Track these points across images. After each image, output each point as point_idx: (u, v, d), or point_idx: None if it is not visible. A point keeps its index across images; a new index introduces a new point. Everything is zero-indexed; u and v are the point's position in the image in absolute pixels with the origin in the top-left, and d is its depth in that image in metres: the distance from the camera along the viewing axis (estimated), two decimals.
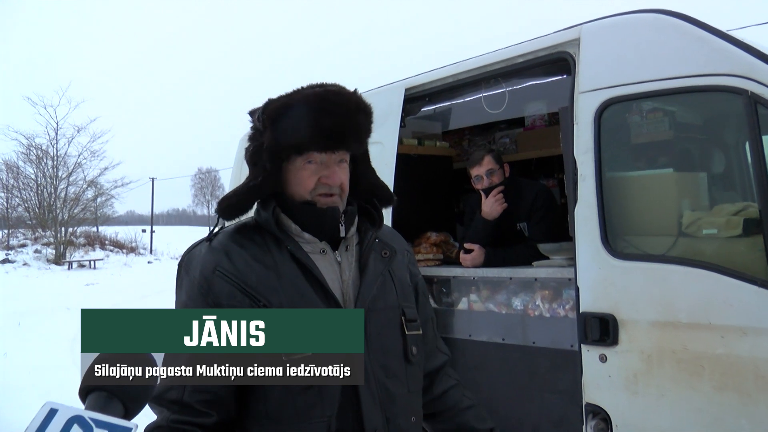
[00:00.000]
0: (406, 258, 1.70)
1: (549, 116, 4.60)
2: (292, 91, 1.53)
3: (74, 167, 31.64)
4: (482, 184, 3.65)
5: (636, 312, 2.52)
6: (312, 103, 1.46)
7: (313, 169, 1.51)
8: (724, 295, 2.31)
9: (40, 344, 8.87)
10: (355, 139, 1.51)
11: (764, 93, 2.27)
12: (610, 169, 2.72)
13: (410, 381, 1.53)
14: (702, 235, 2.50)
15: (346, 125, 1.48)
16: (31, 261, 26.63)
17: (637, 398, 2.50)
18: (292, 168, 1.52)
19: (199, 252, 1.51)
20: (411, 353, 1.53)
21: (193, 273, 1.46)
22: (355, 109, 1.50)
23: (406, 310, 1.56)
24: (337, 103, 1.47)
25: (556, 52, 2.92)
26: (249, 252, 1.48)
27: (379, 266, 1.54)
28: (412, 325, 1.55)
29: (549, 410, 3.04)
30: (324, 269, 1.49)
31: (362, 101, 1.53)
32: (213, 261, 1.46)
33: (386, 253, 1.58)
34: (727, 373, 2.29)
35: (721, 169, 2.86)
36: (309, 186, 1.51)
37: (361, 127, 1.52)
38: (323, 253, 1.52)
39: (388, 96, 3.65)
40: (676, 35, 2.53)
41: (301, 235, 1.52)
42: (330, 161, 1.51)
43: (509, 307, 3.24)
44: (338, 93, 1.50)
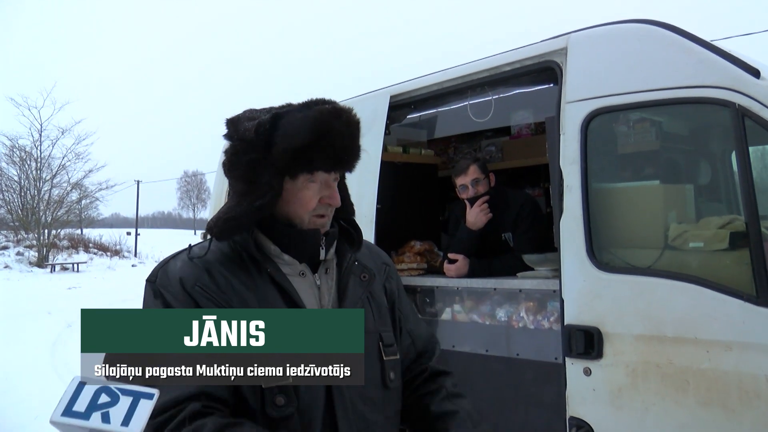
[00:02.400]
0: (384, 274, 1.66)
1: (535, 125, 4.58)
2: (299, 105, 1.49)
3: (58, 169, 31.45)
4: (467, 193, 3.61)
5: (621, 325, 2.49)
6: (327, 121, 1.42)
7: (315, 188, 1.48)
8: (709, 309, 2.29)
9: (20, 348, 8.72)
10: (357, 159, 1.51)
11: (751, 106, 2.26)
12: (597, 180, 2.70)
13: (387, 407, 1.50)
14: (688, 248, 2.48)
15: (354, 146, 1.47)
16: (12, 263, 26.35)
17: (622, 412, 2.47)
18: (292, 187, 1.47)
19: (174, 266, 1.45)
20: (389, 379, 1.50)
21: (173, 288, 1.40)
22: (358, 130, 1.48)
23: (384, 335, 1.53)
24: (348, 123, 1.45)
25: (543, 61, 2.90)
26: (229, 270, 1.43)
27: (358, 291, 1.52)
28: (390, 350, 1.52)
29: (533, 423, 3.00)
30: (303, 292, 1.46)
31: (359, 121, 1.51)
32: (193, 276, 1.41)
33: (365, 276, 1.55)
34: (712, 388, 2.27)
35: (707, 181, 2.85)
36: (310, 206, 1.48)
37: (358, 146, 1.50)
38: (302, 275, 1.49)
39: (372, 103, 3.61)
40: (664, 46, 2.51)
41: (281, 257, 1.49)
42: (331, 181, 1.50)
43: (493, 318, 3.21)
44: (347, 112, 1.47)
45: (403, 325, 1.66)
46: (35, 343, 9.18)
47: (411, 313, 1.72)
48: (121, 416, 0.84)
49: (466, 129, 4.48)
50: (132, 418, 0.84)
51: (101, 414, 0.83)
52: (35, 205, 30.45)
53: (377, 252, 1.73)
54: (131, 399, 0.86)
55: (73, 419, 0.82)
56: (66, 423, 0.82)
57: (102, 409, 0.84)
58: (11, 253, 27.79)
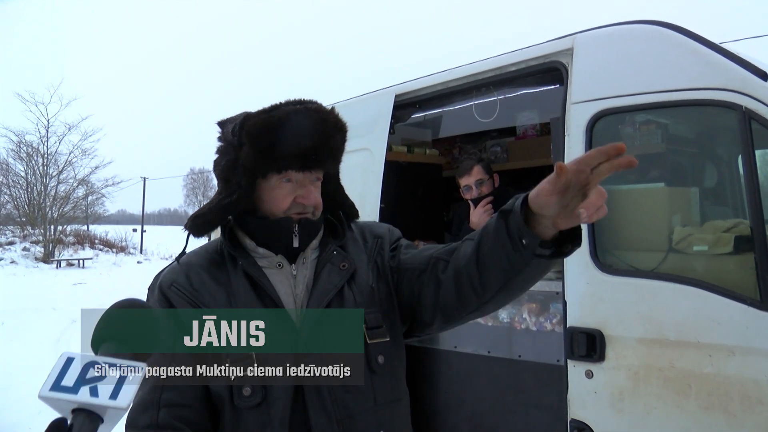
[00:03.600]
0: (375, 249, 1.60)
1: (541, 126, 4.57)
2: (270, 107, 1.51)
3: (65, 165, 31.52)
4: (471, 194, 3.60)
5: (624, 328, 2.47)
6: (293, 121, 1.45)
7: (289, 188, 1.50)
8: (713, 313, 2.27)
9: (23, 344, 8.75)
10: (332, 158, 1.52)
11: (758, 108, 2.24)
12: (601, 182, 2.67)
13: (378, 393, 1.45)
14: (692, 252, 2.46)
15: (325, 145, 1.47)
16: (19, 259, 26.43)
17: (623, 416, 2.46)
18: (266, 186, 1.51)
19: (163, 272, 1.53)
20: (376, 362, 1.45)
21: (156, 290, 1.48)
22: (333, 129, 1.49)
23: (367, 318, 1.48)
24: (317, 123, 1.46)
25: (549, 62, 2.89)
26: (206, 270, 1.49)
27: (333, 278, 1.49)
28: (376, 333, 1.48)
29: (534, 425, 2.99)
30: (279, 283, 1.47)
31: (339, 120, 1.52)
32: (170, 279, 1.48)
33: (344, 265, 1.53)
34: (713, 392, 2.25)
35: (713, 184, 2.83)
36: (284, 206, 1.50)
37: (337, 146, 1.52)
38: (280, 266, 1.50)
39: (377, 102, 3.61)
40: (671, 47, 2.49)
41: (256, 251, 1.52)
42: (306, 180, 1.50)
43: (496, 319, 3.19)
44: (318, 111, 1.49)
45: (407, 258, 1.57)
46: (40, 339, 9.20)
47: (412, 247, 1.64)
48: (109, 390, 0.84)
49: (471, 129, 4.47)
50: (120, 392, 0.84)
51: (90, 388, 0.83)
52: (42, 201, 30.55)
53: (370, 227, 1.69)
54: (120, 373, 0.87)
55: (61, 393, 0.83)
56: (54, 397, 0.82)
57: (90, 383, 0.84)
58: (17, 249, 27.88)
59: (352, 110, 3.47)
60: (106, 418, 0.84)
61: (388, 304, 1.54)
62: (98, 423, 0.83)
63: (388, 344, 1.49)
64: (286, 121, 1.45)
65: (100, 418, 0.83)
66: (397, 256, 1.60)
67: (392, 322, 1.53)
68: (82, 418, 0.82)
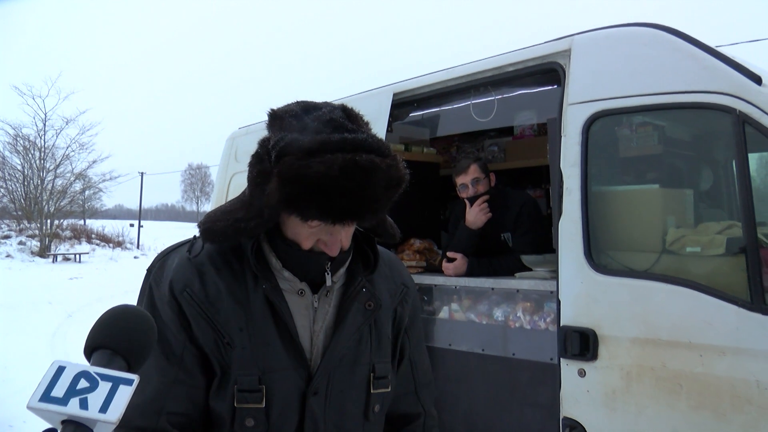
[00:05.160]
0: (398, 296, 1.54)
1: (538, 126, 4.59)
2: (313, 143, 1.21)
3: (62, 159, 31.48)
4: (467, 192, 3.63)
5: (617, 328, 2.50)
6: (334, 176, 1.18)
7: (314, 231, 1.32)
8: (705, 314, 2.29)
9: (19, 338, 8.75)
10: (371, 215, 1.28)
11: (752, 112, 2.27)
12: (597, 183, 2.71)
13: None
14: (686, 253, 2.49)
15: (366, 204, 1.23)
16: (14, 253, 26.40)
17: (615, 414, 2.48)
18: (291, 218, 1.33)
19: (172, 262, 1.40)
20: (372, 411, 1.43)
21: (162, 288, 1.36)
22: (384, 186, 1.23)
23: (377, 367, 1.44)
24: (363, 183, 1.20)
25: (547, 63, 2.91)
26: (224, 279, 1.35)
27: (358, 319, 1.40)
28: (380, 383, 1.44)
29: (527, 423, 3.02)
30: (297, 313, 1.37)
31: (395, 177, 1.25)
32: (184, 280, 1.34)
33: (370, 305, 1.42)
34: (704, 392, 2.28)
35: (707, 186, 2.85)
36: (306, 244, 1.34)
37: (382, 203, 1.26)
38: (301, 294, 1.38)
39: (375, 100, 3.62)
40: (668, 50, 2.52)
41: (281, 272, 1.38)
42: (336, 229, 1.31)
43: (490, 317, 3.21)
44: (369, 169, 1.21)
45: (408, 353, 1.57)
46: (36, 333, 9.21)
47: (420, 342, 1.63)
48: (99, 403, 0.82)
49: (469, 128, 4.49)
50: (110, 405, 0.83)
51: (79, 400, 0.82)
52: (38, 195, 30.50)
53: (399, 271, 1.60)
54: (110, 385, 0.84)
55: (50, 405, 0.81)
56: (43, 409, 0.81)
57: (80, 395, 0.82)
58: (13, 243, 27.84)
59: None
60: (96, 429, 0.83)
61: (392, 354, 1.52)
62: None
63: (387, 395, 1.48)
64: (327, 173, 1.18)
65: (90, 430, 0.82)
66: (409, 339, 1.58)
67: (392, 373, 1.50)
68: (71, 430, 0.81)
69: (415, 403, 1.60)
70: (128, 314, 0.97)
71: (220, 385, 1.32)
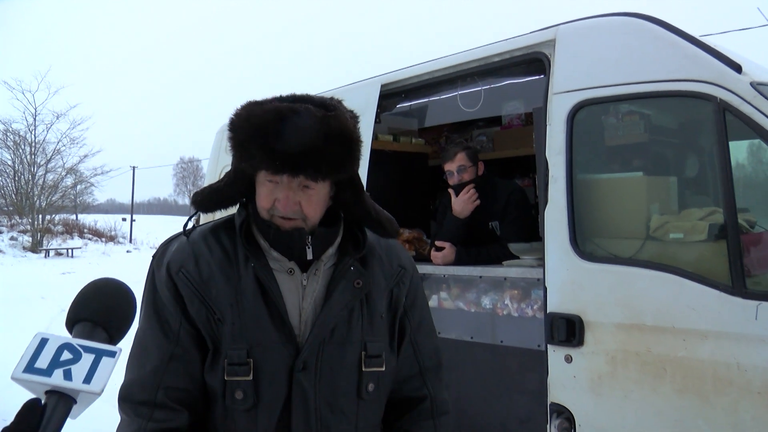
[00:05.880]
0: (395, 278, 1.57)
1: (526, 116, 4.61)
2: (263, 100, 1.41)
3: (53, 154, 31.29)
4: (453, 180, 3.66)
5: (602, 314, 2.53)
6: (269, 122, 1.32)
7: (270, 188, 1.41)
8: (688, 299, 2.33)
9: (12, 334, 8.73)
10: (314, 167, 1.35)
11: (732, 100, 2.30)
12: (581, 171, 2.74)
13: (360, 418, 1.46)
14: (669, 239, 2.52)
15: (303, 151, 1.32)
16: (6, 248, 26.26)
17: (601, 399, 2.52)
18: (257, 179, 1.44)
19: (172, 247, 1.49)
20: (366, 390, 1.45)
21: (163, 269, 1.44)
22: (322, 135, 1.32)
23: (369, 345, 1.46)
24: (295, 125, 1.32)
25: (532, 53, 2.93)
26: (216, 260, 1.44)
27: (346, 296, 1.44)
28: (373, 362, 1.46)
29: (516, 409, 3.06)
30: (287, 291, 1.43)
31: (336, 126, 1.35)
32: (179, 261, 1.43)
33: (359, 283, 1.46)
34: (687, 375, 2.32)
35: (691, 173, 2.89)
36: (265, 204, 1.43)
37: (324, 154, 1.34)
38: (290, 273, 1.44)
39: (364, 92, 3.64)
40: (650, 39, 2.55)
41: (270, 252, 1.45)
42: (289, 185, 1.39)
43: (479, 305, 3.25)
44: (302, 114, 1.33)
45: (410, 335, 1.59)
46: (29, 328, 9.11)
47: (423, 324, 1.63)
48: (83, 374, 0.83)
49: (456, 118, 4.51)
50: (94, 376, 0.83)
51: (63, 371, 0.83)
52: (29, 190, 30.33)
53: (397, 254, 1.63)
54: (93, 356, 0.85)
55: (34, 376, 0.82)
56: (27, 379, 0.82)
57: (64, 366, 0.83)
58: (5, 238, 27.69)
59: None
60: (79, 399, 0.84)
61: (389, 336, 1.54)
62: (71, 405, 0.83)
63: (382, 374, 1.49)
64: (262, 119, 1.34)
65: (74, 400, 0.83)
66: (409, 320, 1.59)
67: (389, 353, 1.52)
68: (55, 400, 0.82)
69: (420, 387, 1.60)
70: (108, 287, 0.99)
71: (212, 360, 1.39)
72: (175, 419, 1.36)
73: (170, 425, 1.35)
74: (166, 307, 1.41)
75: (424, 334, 1.63)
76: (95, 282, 1.01)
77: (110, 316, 0.95)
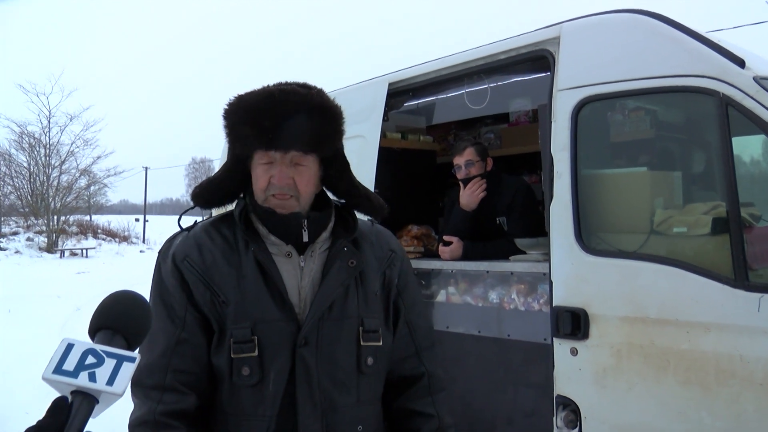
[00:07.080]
0: (386, 261, 1.66)
1: (533, 113, 4.63)
2: (251, 90, 1.54)
3: (67, 156, 31.61)
4: (461, 174, 3.69)
5: (607, 307, 2.56)
6: (259, 101, 1.46)
7: (265, 168, 1.51)
8: (691, 292, 2.36)
9: (30, 331, 8.86)
10: (303, 140, 1.48)
11: (735, 95, 2.31)
12: (586, 167, 2.77)
13: (362, 391, 1.54)
14: (673, 233, 2.55)
15: (290, 125, 1.45)
16: (23, 249, 26.58)
17: (606, 391, 2.55)
18: (252, 165, 1.55)
19: (176, 241, 1.58)
20: (365, 364, 1.54)
21: (168, 260, 1.53)
22: (307, 109, 1.46)
23: (366, 321, 1.55)
24: (282, 102, 1.45)
25: (537, 50, 2.96)
26: (218, 247, 1.53)
27: (342, 275, 1.53)
28: (370, 336, 1.55)
29: (522, 402, 3.09)
30: (286, 273, 1.51)
31: (318, 101, 1.49)
32: (184, 251, 1.53)
33: (353, 262, 1.56)
34: (690, 367, 2.34)
35: (695, 168, 2.90)
36: (262, 185, 1.53)
37: (310, 128, 1.47)
38: (288, 256, 1.54)
39: (371, 90, 3.69)
40: (653, 36, 2.57)
41: (268, 237, 1.55)
42: (281, 161, 1.50)
43: (486, 300, 3.28)
44: (288, 92, 1.47)
45: (404, 315, 1.67)
46: (46, 326, 9.30)
47: (416, 305, 1.72)
48: (106, 377, 0.89)
49: (464, 116, 4.55)
50: (116, 379, 0.90)
51: (88, 374, 0.89)
52: (44, 192, 30.64)
53: (387, 239, 1.72)
54: (115, 361, 0.92)
55: (62, 377, 0.88)
56: (57, 380, 0.88)
57: (89, 369, 0.89)
58: (21, 239, 28.03)
59: (347, 98, 3.54)
60: (101, 400, 0.90)
61: (384, 314, 1.63)
62: (94, 404, 0.89)
63: (379, 348, 1.57)
64: (252, 100, 1.47)
65: (96, 399, 0.89)
66: (403, 301, 1.67)
67: (385, 330, 1.61)
68: (80, 399, 0.88)
69: (418, 365, 1.68)
70: (126, 299, 1.05)
71: (218, 341, 1.48)
72: (183, 401, 1.44)
73: (179, 407, 1.43)
74: (172, 295, 1.50)
75: (418, 315, 1.72)
76: (114, 294, 1.07)
77: (128, 324, 1.01)
